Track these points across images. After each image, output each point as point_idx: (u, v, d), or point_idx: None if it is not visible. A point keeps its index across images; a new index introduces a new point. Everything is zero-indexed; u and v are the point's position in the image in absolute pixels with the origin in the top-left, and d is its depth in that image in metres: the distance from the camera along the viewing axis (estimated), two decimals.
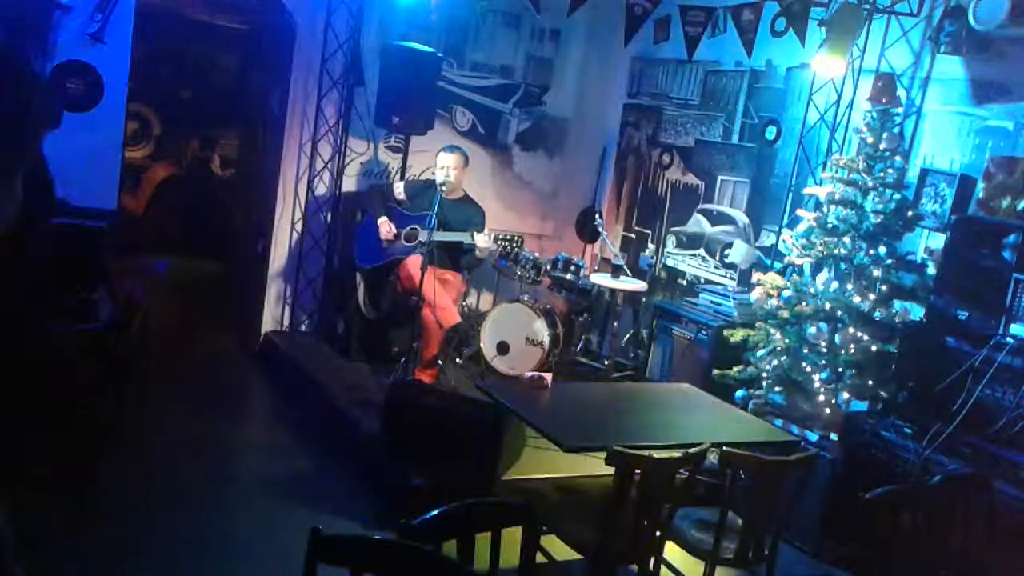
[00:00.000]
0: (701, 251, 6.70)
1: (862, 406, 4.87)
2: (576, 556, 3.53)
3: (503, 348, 6.23)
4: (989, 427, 4.07)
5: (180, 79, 10.46)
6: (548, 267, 6.40)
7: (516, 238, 5.86)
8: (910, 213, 4.89)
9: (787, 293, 5.07)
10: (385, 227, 6.02)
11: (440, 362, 6.04)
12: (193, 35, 10.19)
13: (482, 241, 5.73)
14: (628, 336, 6.73)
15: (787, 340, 5.06)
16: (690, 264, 6.79)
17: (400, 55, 6.38)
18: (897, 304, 4.88)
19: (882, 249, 4.84)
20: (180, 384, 5.95)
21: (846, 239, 4.92)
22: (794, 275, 5.19)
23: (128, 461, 4.72)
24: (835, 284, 4.94)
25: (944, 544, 3.63)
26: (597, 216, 6.87)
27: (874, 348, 4.80)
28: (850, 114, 5.53)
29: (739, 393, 5.19)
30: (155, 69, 9.80)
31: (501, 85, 7.43)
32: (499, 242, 5.79)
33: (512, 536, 2.50)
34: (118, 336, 4.46)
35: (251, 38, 9.09)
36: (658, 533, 3.54)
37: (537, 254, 6.48)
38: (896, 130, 4.99)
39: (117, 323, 4.45)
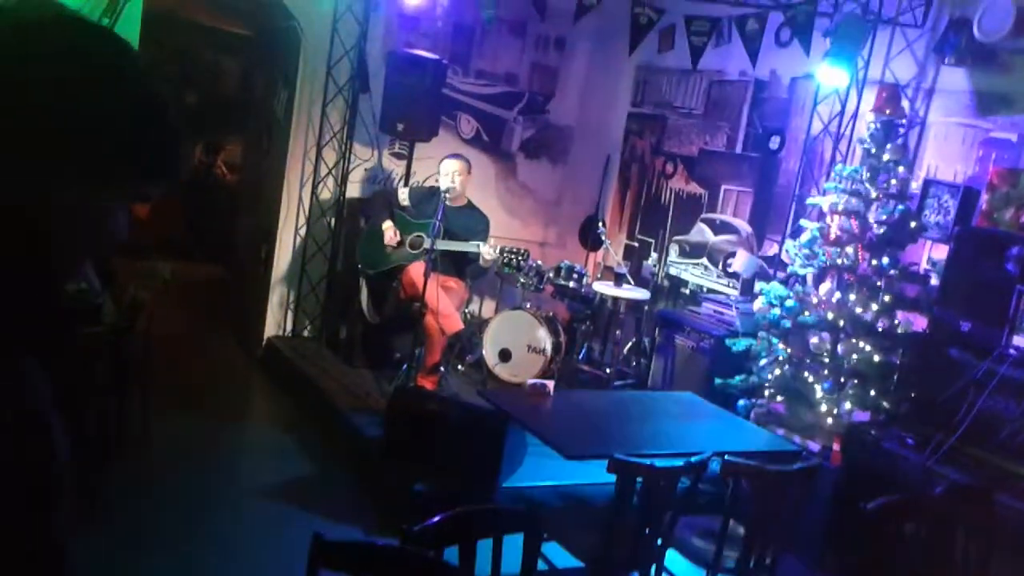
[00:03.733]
0: (704, 260, 6.70)
1: (864, 416, 4.87)
2: (578, 564, 3.53)
3: (505, 355, 6.23)
4: (991, 439, 4.07)
5: (185, 84, 10.49)
6: (551, 275, 6.40)
7: (522, 252, 5.83)
8: (913, 224, 4.89)
9: (790, 303, 5.07)
10: (390, 232, 6.03)
11: (442, 369, 6.04)
12: (199, 40, 10.23)
13: (487, 252, 5.73)
14: (630, 344, 6.72)
15: (789, 350, 5.06)
16: (693, 273, 6.79)
17: (405, 62, 6.40)
18: (900, 315, 4.88)
19: (885, 260, 4.84)
20: (183, 388, 5.96)
21: (849, 249, 4.92)
22: (797, 285, 5.19)
23: (130, 464, 4.72)
24: (838, 294, 4.94)
25: (946, 556, 3.62)
26: (600, 224, 6.87)
27: (876, 358, 4.80)
28: (854, 125, 5.54)
29: (741, 402, 5.18)
30: (160, 73, 9.82)
31: (506, 93, 7.45)
32: (505, 254, 5.79)
33: (513, 543, 2.50)
34: (121, 339, 4.47)
35: (257, 44, 9.11)
36: (660, 541, 3.54)
37: (540, 262, 6.48)
38: (900, 141, 5.00)
39: (121, 327, 4.46)
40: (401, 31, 6.78)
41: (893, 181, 4.88)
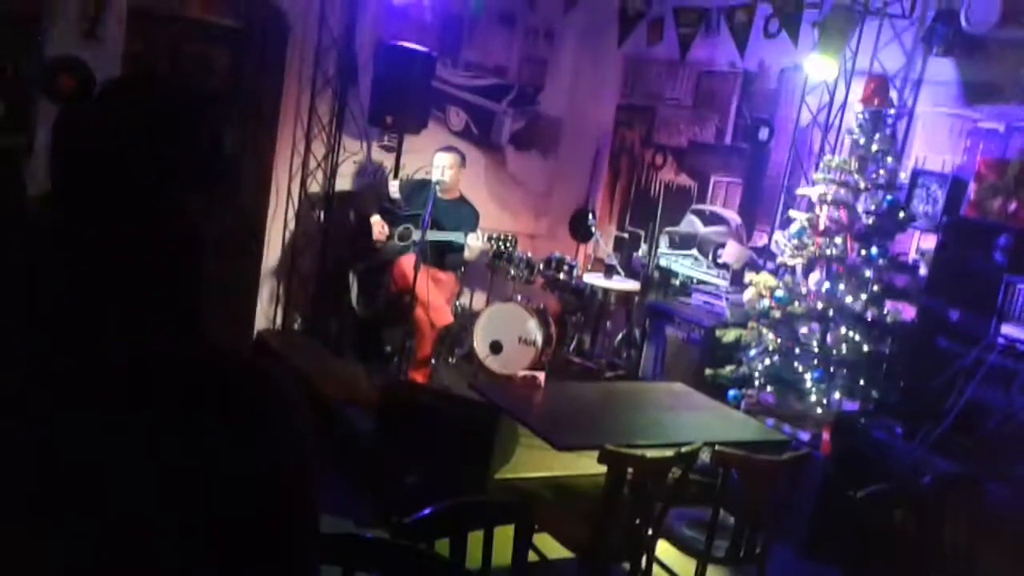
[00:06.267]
0: (694, 251, 6.71)
1: (854, 406, 4.89)
2: (568, 555, 3.54)
3: (496, 347, 6.23)
4: (980, 427, 4.09)
5: (174, 77, 10.43)
6: (541, 267, 6.41)
7: (510, 238, 5.86)
8: (902, 214, 4.91)
9: (779, 293, 5.09)
10: (378, 227, 6.02)
11: (433, 361, 6.05)
12: (186, 32, 10.16)
13: (472, 241, 5.75)
14: (621, 336, 6.74)
15: (779, 340, 5.08)
16: (683, 264, 6.80)
17: (394, 54, 6.38)
18: (889, 304, 4.90)
19: (874, 250, 4.86)
20: None
21: (838, 239, 4.94)
22: (786, 275, 5.21)
23: None
24: (827, 284, 4.96)
25: (934, 544, 3.65)
26: (590, 216, 6.87)
27: (866, 348, 4.82)
28: (842, 115, 5.55)
29: (731, 392, 5.20)
30: (148, 66, 9.76)
31: (495, 85, 7.43)
32: (492, 241, 5.81)
33: (504, 534, 2.51)
34: None
35: (244, 36, 9.06)
36: (650, 531, 3.55)
37: (530, 253, 6.49)
38: (888, 131, 5.01)
39: None
40: (390, 23, 6.75)
41: (881, 171, 4.90)
